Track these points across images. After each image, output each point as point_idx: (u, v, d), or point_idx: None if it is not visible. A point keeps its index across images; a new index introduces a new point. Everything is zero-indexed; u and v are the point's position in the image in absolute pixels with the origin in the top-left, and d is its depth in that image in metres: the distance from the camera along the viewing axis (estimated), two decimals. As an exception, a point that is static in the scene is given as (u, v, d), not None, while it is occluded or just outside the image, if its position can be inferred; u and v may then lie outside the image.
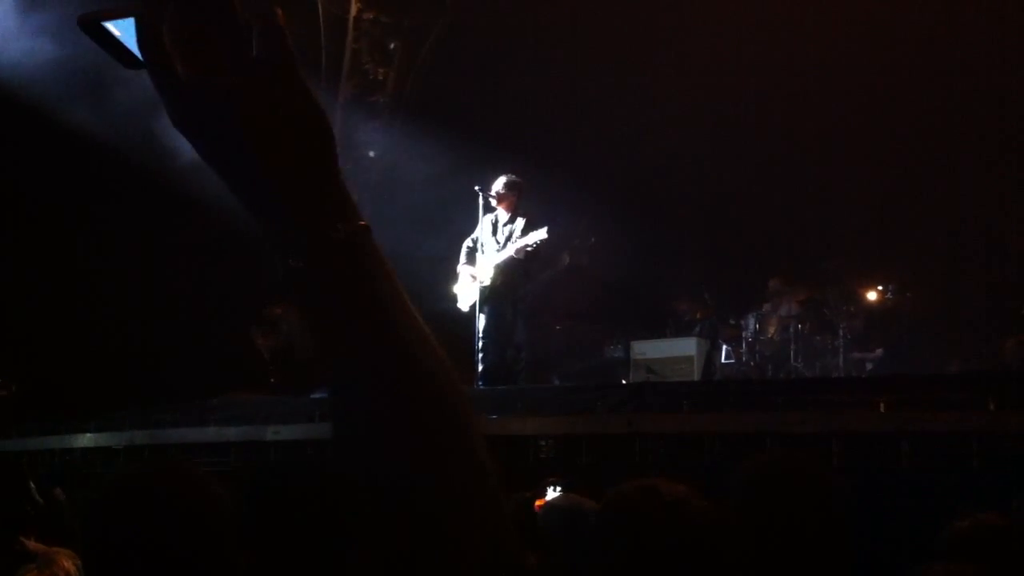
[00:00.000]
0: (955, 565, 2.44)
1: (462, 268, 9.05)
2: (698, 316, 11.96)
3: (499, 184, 8.97)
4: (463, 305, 9.00)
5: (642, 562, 1.98)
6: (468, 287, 8.95)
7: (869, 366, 10.55)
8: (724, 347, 11.44)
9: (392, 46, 13.66)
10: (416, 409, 0.89)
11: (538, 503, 3.97)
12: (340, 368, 0.91)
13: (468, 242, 9.08)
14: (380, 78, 13.71)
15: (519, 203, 8.97)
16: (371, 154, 13.83)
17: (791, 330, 10.85)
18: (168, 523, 1.75)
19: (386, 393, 0.89)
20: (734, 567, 1.99)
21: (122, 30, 0.90)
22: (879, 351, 10.61)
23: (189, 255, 11.20)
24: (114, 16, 0.91)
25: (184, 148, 0.92)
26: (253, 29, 0.85)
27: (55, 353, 10.34)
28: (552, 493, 4.17)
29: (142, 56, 0.86)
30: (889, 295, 10.82)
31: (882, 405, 5.79)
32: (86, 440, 8.56)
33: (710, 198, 12.47)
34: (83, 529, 2.02)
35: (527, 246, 8.59)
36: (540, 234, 8.56)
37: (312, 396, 8.86)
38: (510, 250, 8.70)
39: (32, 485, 4.11)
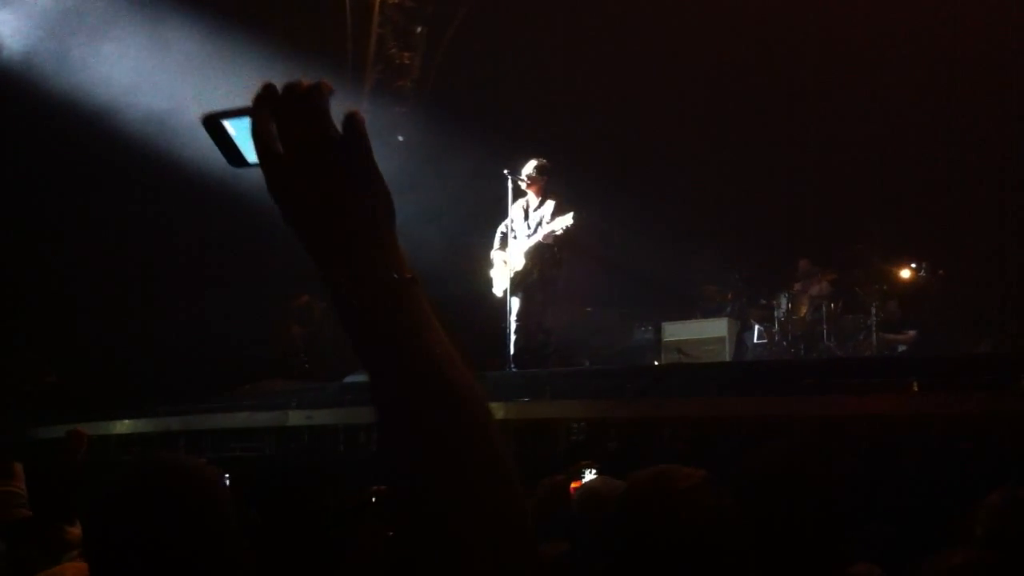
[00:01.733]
0: (975, 552, 2.43)
1: (495, 254, 9.08)
2: (728, 297, 11.91)
3: (529, 168, 8.96)
4: (497, 290, 9.04)
5: (653, 548, 1.99)
6: (501, 272, 8.98)
7: (901, 348, 10.46)
8: (756, 327, 11.38)
9: (418, 31, 13.65)
10: (446, 426, 1.06)
11: (573, 485, 3.96)
12: (385, 390, 1.09)
13: (502, 227, 9.09)
14: (406, 62, 13.70)
15: (548, 187, 8.96)
16: (400, 138, 13.85)
17: (823, 310, 10.78)
18: (168, 522, 1.75)
19: (422, 411, 1.07)
20: (743, 554, 2.00)
21: (236, 129, 1.14)
22: (912, 333, 10.51)
23: (223, 245, 11.30)
24: (233, 116, 1.15)
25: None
26: (341, 123, 1.12)
27: (90, 342, 10.48)
28: (589, 475, 4.16)
29: (255, 142, 1.10)
30: (922, 273, 10.72)
31: (915, 385, 5.77)
32: (122, 427, 8.69)
33: (739, 178, 12.38)
34: (84, 530, 2.04)
35: (554, 232, 8.60)
36: (566, 220, 8.54)
37: (345, 380, 8.93)
38: (539, 235, 8.72)
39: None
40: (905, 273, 10.84)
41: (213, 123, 1.15)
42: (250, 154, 1.15)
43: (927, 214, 11.59)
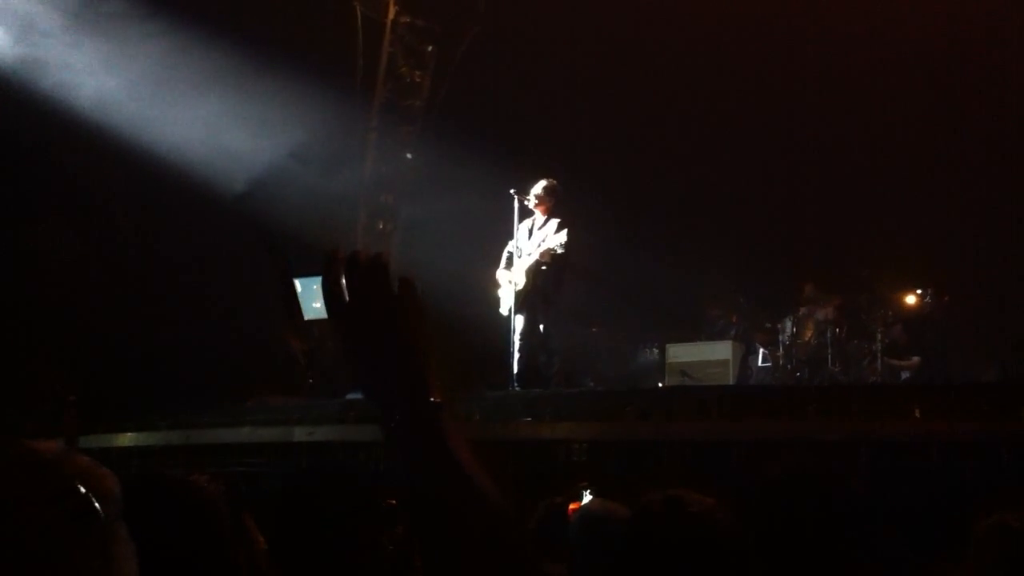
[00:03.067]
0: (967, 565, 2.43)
1: (501, 273, 9.11)
2: (733, 320, 11.92)
3: (537, 188, 8.99)
4: (504, 309, 9.06)
5: (662, 573, 1.99)
6: (506, 291, 9.02)
7: (905, 375, 10.44)
8: (761, 351, 11.38)
9: (428, 50, 13.72)
10: (469, 522, 1.32)
11: (572, 507, 3.95)
12: (420, 495, 1.34)
13: (509, 247, 9.12)
14: (416, 81, 13.77)
15: (555, 208, 8.99)
16: (408, 156, 13.90)
17: (828, 335, 10.78)
18: (164, 538, 1.76)
19: (451, 512, 1.33)
20: None
21: (303, 287, 1.35)
22: (915, 359, 10.49)
23: (226, 260, 11.34)
24: (304, 275, 1.74)
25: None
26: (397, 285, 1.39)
27: (95, 355, 10.50)
28: (587, 497, 4.15)
29: (327, 297, 1.36)
30: (928, 299, 10.71)
31: (917, 411, 5.76)
32: (124, 440, 8.70)
33: (745, 201, 12.41)
34: None
35: (552, 250, 8.63)
36: (559, 238, 8.60)
37: (347, 397, 8.94)
38: (536, 254, 8.75)
39: None
40: (910, 299, 10.84)
41: (285, 278, 1.52)
42: (310, 310, 1.47)
43: (934, 240, 11.59)
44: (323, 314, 1.39)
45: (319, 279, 1.38)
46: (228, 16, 11.26)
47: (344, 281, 1.36)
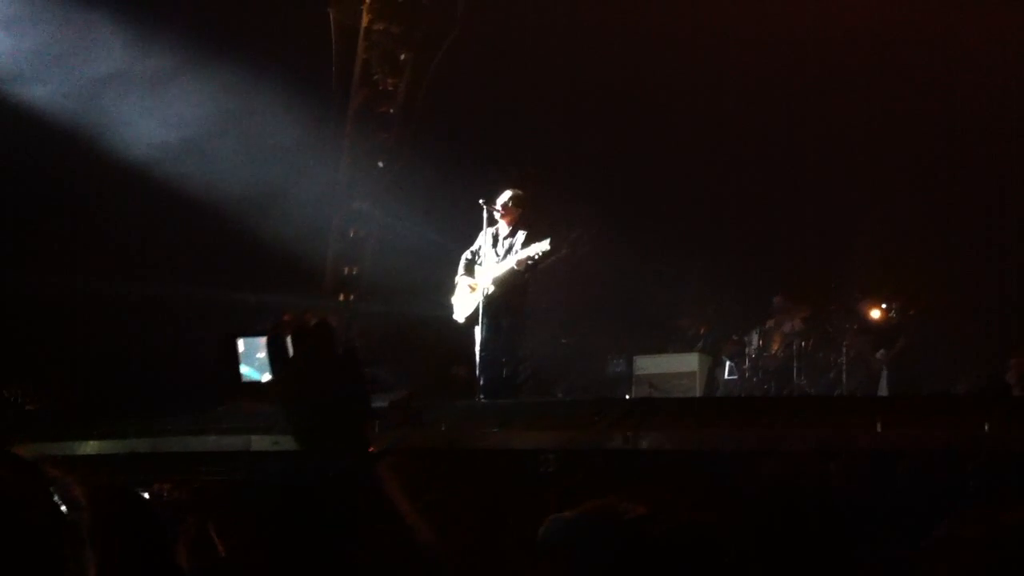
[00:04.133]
0: None
1: (460, 279, 9.08)
2: (701, 331, 11.98)
3: (504, 198, 9.00)
4: (459, 317, 9.03)
5: None
6: (465, 298, 8.98)
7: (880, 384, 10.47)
8: (728, 363, 11.45)
9: (403, 57, 13.71)
10: (407, 564, 1.45)
11: None
12: (360, 540, 1.46)
13: (467, 254, 9.11)
14: (390, 88, 13.75)
15: (522, 217, 9.00)
16: (380, 164, 13.88)
17: (794, 347, 10.86)
18: (117, 549, 1.76)
19: (389, 555, 1.45)
20: None
21: (245, 347, 1.47)
22: (883, 371, 10.57)
23: (196, 263, 11.28)
24: (248, 335, 1.50)
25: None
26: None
27: (59, 360, 10.40)
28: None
29: (270, 354, 1.44)
30: (892, 314, 10.82)
31: (879, 425, 5.81)
32: (89, 448, 8.60)
33: (715, 213, 12.50)
34: None
35: (529, 258, 8.62)
36: (543, 246, 8.58)
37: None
38: (510, 262, 8.72)
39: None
40: (875, 313, 10.95)
41: (228, 340, 1.63)
42: (253, 372, 1.47)
43: (902, 253, 11.72)
44: (258, 377, 1.53)
45: (261, 338, 1.48)
46: (195, 20, 11.23)
47: (289, 341, 1.45)
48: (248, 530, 2.56)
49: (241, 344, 1.64)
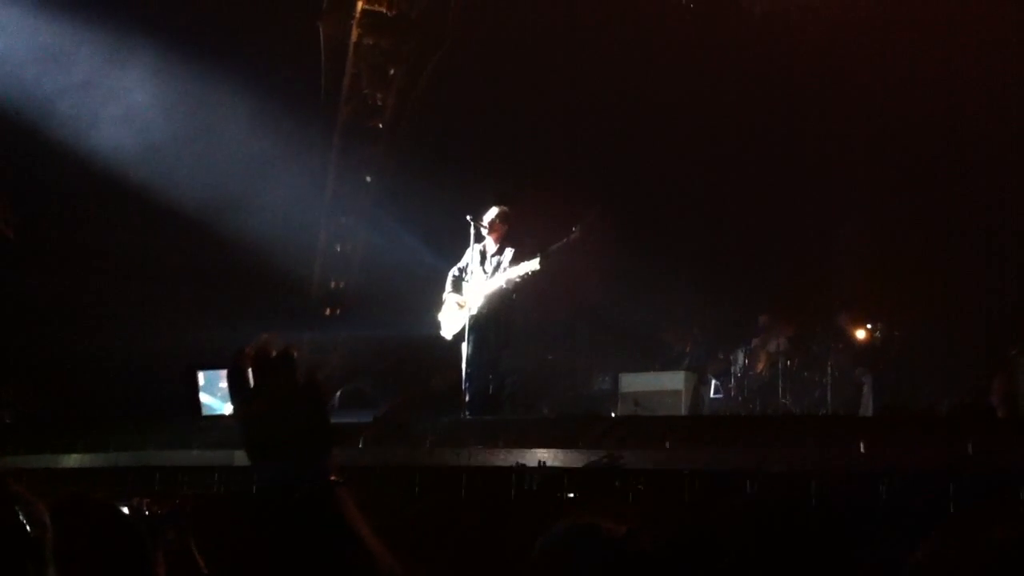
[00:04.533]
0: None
1: (448, 296, 9.05)
2: (687, 349, 12.00)
3: (491, 214, 8.99)
4: (447, 333, 9.00)
5: None
6: (453, 315, 8.95)
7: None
8: (713, 381, 11.46)
9: (391, 72, 13.74)
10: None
11: None
12: (322, 569, 1.44)
13: (454, 271, 9.09)
14: (379, 103, 13.78)
15: (509, 234, 9.00)
16: (368, 178, 13.89)
17: (780, 366, 10.88)
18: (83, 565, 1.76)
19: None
20: None
21: (206, 380, 1.49)
22: (867, 391, 10.59)
23: (183, 281, 11.25)
24: (210, 367, 1.85)
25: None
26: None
27: (46, 373, 10.35)
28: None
29: (231, 385, 1.47)
30: (877, 333, 10.85)
31: (863, 445, 5.82)
32: (72, 460, 8.55)
33: (701, 232, 12.54)
34: None
35: (518, 276, 8.61)
36: (532, 265, 8.56)
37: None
38: (499, 279, 8.71)
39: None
40: (860, 332, 10.97)
41: (190, 372, 1.69)
42: (217, 403, 1.60)
43: (888, 273, 11.76)
44: (215, 412, 1.55)
45: (222, 372, 1.56)
46: (186, 33, 11.24)
47: (251, 371, 1.48)
48: (230, 545, 2.54)
49: (201, 377, 1.65)
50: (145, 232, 11.30)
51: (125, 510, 2.44)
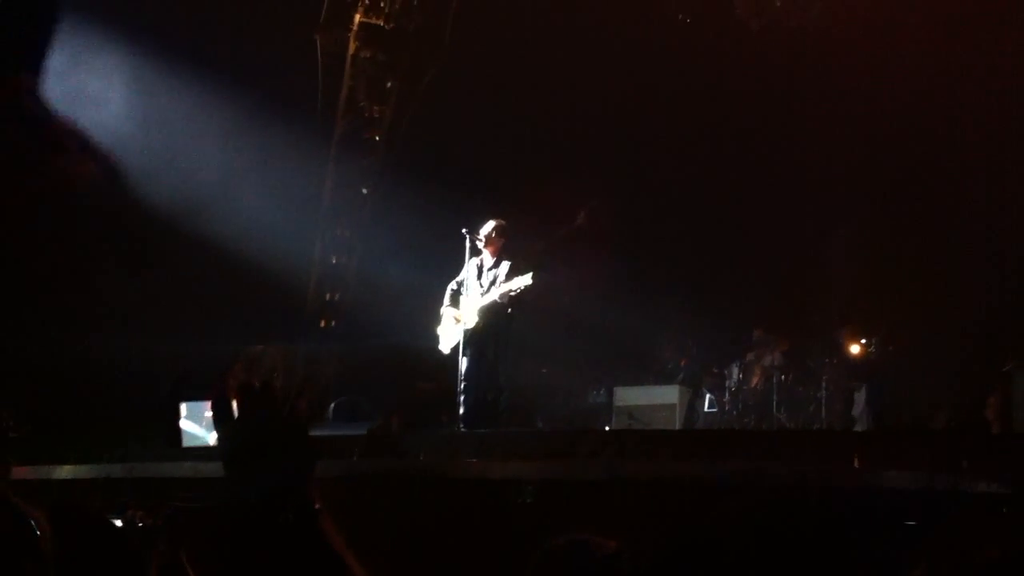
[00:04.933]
0: None
1: (446, 310, 9.03)
2: (681, 363, 12.00)
3: (487, 228, 8.97)
4: (445, 347, 8.98)
5: None
6: (451, 329, 8.93)
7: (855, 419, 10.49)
8: (708, 395, 11.46)
9: (388, 85, 13.77)
10: None
11: None
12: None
13: (453, 284, 9.07)
14: (376, 115, 13.81)
15: (505, 247, 8.98)
16: (364, 191, 13.90)
17: (774, 380, 10.89)
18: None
19: None
20: None
21: (189, 410, 1.53)
22: (861, 405, 10.59)
23: (174, 292, 11.25)
24: (193, 399, 1.98)
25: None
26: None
27: (39, 385, 10.32)
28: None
29: (215, 416, 1.53)
30: (871, 348, 10.86)
31: (856, 460, 5.83)
32: (64, 472, 8.52)
33: (696, 247, 12.55)
34: None
35: (511, 291, 8.58)
36: (524, 280, 8.55)
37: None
38: (494, 294, 8.69)
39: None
40: (855, 347, 10.98)
41: (171, 404, 1.77)
42: (193, 437, 1.65)
43: (883, 288, 11.78)
44: (200, 441, 1.61)
45: (205, 403, 1.65)
46: (186, 46, 11.26)
47: (235, 402, 1.54)
48: (222, 559, 2.52)
49: (184, 408, 1.77)
50: (139, 241, 11.29)
51: (118, 522, 2.43)
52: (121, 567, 1.94)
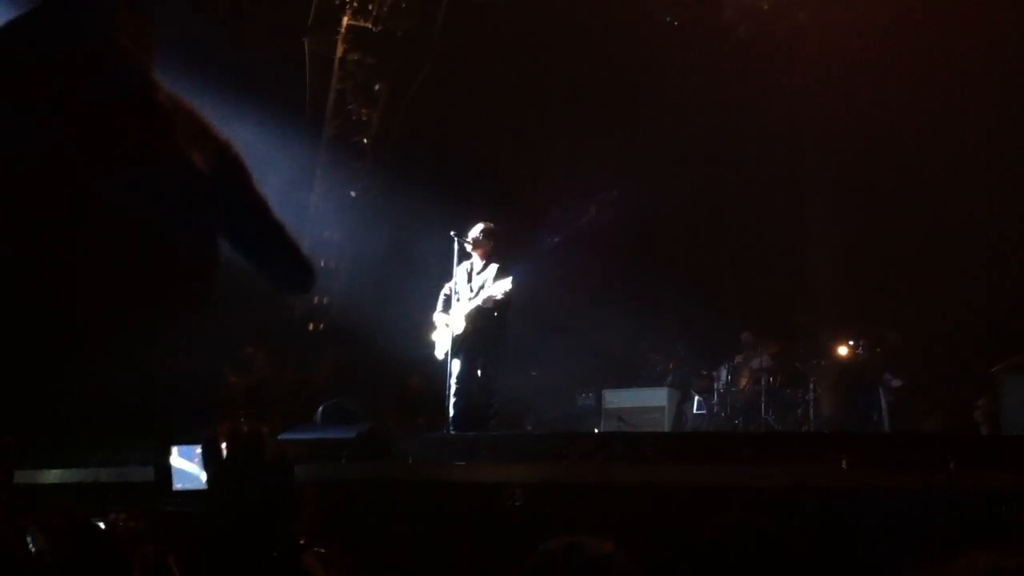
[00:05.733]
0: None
1: (438, 316, 8.99)
2: (670, 366, 12.01)
3: (475, 231, 8.93)
4: (439, 353, 8.94)
5: None
6: (442, 335, 8.90)
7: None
8: (696, 398, 11.48)
9: (377, 88, 13.75)
10: None
11: None
12: None
13: (446, 289, 9.03)
14: (364, 119, 13.78)
15: (494, 250, 8.93)
16: (352, 194, 13.88)
17: (762, 383, 10.91)
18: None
19: None
20: None
21: (182, 454, 1.84)
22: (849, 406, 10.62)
23: (164, 294, 11.18)
24: (185, 442, 1.98)
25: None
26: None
27: (27, 389, 10.25)
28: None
29: (205, 459, 1.59)
30: (860, 350, 10.88)
31: (845, 462, 5.83)
32: (52, 476, 8.47)
33: (685, 249, 12.57)
34: None
35: (493, 296, 8.55)
36: (505, 284, 8.51)
37: (279, 437, 8.83)
38: (479, 299, 8.66)
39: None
40: (843, 350, 11.00)
41: (163, 448, 1.90)
42: (184, 475, 1.82)
43: (872, 290, 11.82)
44: (192, 479, 1.74)
45: (195, 447, 1.80)
46: (173, 48, 11.20)
47: (224, 446, 1.61)
48: (208, 562, 2.51)
49: (176, 451, 2.03)
50: (125, 238, 11.24)
51: (102, 525, 2.42)
52: (104, 570, 1.93)
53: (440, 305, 9.00)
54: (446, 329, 8.83)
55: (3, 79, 1.77)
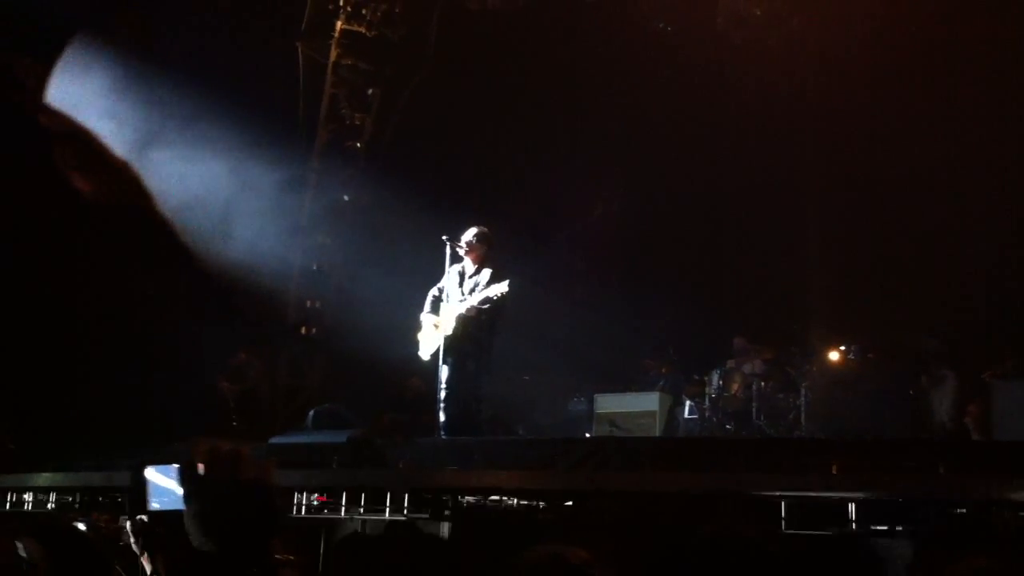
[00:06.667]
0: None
1: (425, 317, 8.96)
2: (663, 371, 12.01)
3: (469, 235, 8.90)
4: (424, 354, 8.92)
5: None
6: (430, 336, 8.88)
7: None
8: (688, 403, 11.47)
9: (370, 93, 13.75)
10: None
11: None
12: None
13: (434, 291, 9.01)
14: (357, 123, 13.78)
15: (487, 255, 8.91)
16: (345, 198, 13.88)
17: (754, 388, 10.91)
18: None
19: None
20: None
21: (163, 474, 1.65)
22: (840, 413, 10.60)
23: (158, 300, 11.20)
24: (161, 463, 1.77)
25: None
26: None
27: (20, 394, 10.24)
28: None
29: (182, 478, 1.69)
30: (851, 356, 10.90)
31: (835, 467, 5.84)
32: (42, 480, 8.46)
33: (677, 255, 12.59)
34: None
35: (489, 298, 8.53)
36: (501, 287, 8.47)
37: (270, 441, 8.82)
38: (472, 301, 8.63)
39: None
40: (834, 355, 11.02)
41: (139, 471, 1.93)
42: (161, 491, 1.89)
43: (863, 296, 11.84)
44: (168, 496, 1.78)
45: (172, 467, 1.84)
46: (167, 53, 11.23)
47: (200, 466, 1.65)
48: (192, 562, 2.51)
49: (152, 471, 2.06)
50: (121, 246, 11.23)
51: (82, 526, 2.43)
52: (83, 570, 1.97)
53: (427, 306, 8.97)
54: (433, 330, 8.81)
55: None
